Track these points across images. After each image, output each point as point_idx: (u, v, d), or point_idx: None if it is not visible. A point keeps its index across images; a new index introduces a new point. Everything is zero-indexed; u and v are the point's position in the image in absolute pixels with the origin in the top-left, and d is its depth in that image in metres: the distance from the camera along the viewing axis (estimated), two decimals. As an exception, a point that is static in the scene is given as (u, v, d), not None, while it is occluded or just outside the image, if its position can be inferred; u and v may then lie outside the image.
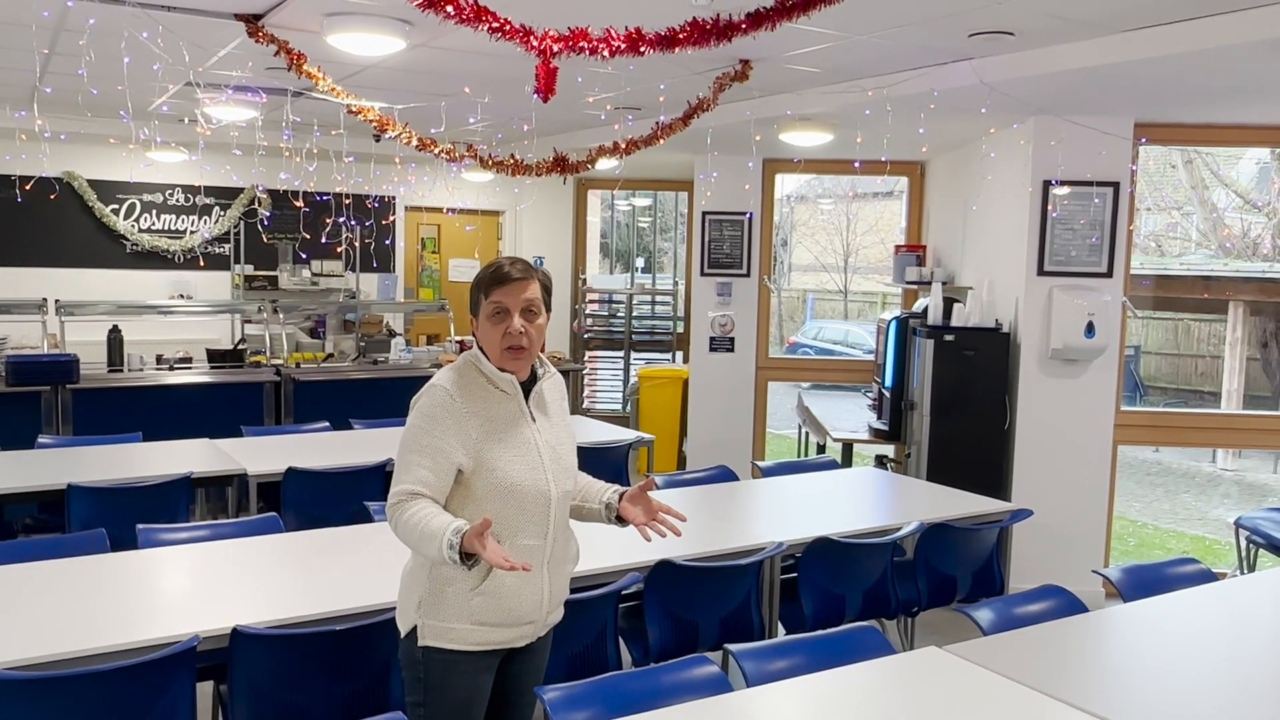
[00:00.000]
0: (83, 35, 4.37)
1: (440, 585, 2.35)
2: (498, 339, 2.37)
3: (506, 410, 2.40)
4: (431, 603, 2.35)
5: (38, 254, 8.27)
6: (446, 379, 2.39)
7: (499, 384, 2.40)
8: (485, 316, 2.38)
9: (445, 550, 2.16)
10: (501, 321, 2.36)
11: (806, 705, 2.29)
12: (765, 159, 7.32)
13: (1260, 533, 4.79)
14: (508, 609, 2.36)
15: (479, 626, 2.35)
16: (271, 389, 6.59)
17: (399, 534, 2.28)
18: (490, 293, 2.37)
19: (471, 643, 2.36)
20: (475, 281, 2.44)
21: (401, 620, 2.44)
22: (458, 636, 2.35)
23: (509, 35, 3.35)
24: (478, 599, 2.33)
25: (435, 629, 2.36)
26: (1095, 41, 4.10)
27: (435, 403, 2.35)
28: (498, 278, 2.37)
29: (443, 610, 2.35)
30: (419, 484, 2.29)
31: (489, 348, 2.40)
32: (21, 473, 4.21)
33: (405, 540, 2.28)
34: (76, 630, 2.56)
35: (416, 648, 2.37)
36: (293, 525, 3.94)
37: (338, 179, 7.73)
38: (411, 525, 2.24)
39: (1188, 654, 2.67)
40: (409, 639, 2.40)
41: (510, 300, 2.36)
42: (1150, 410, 8.68)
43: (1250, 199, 15.35)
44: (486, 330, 2.39)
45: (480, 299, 2.40)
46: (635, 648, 3.31)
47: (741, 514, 4.16)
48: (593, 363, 9.93)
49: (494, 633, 2.38)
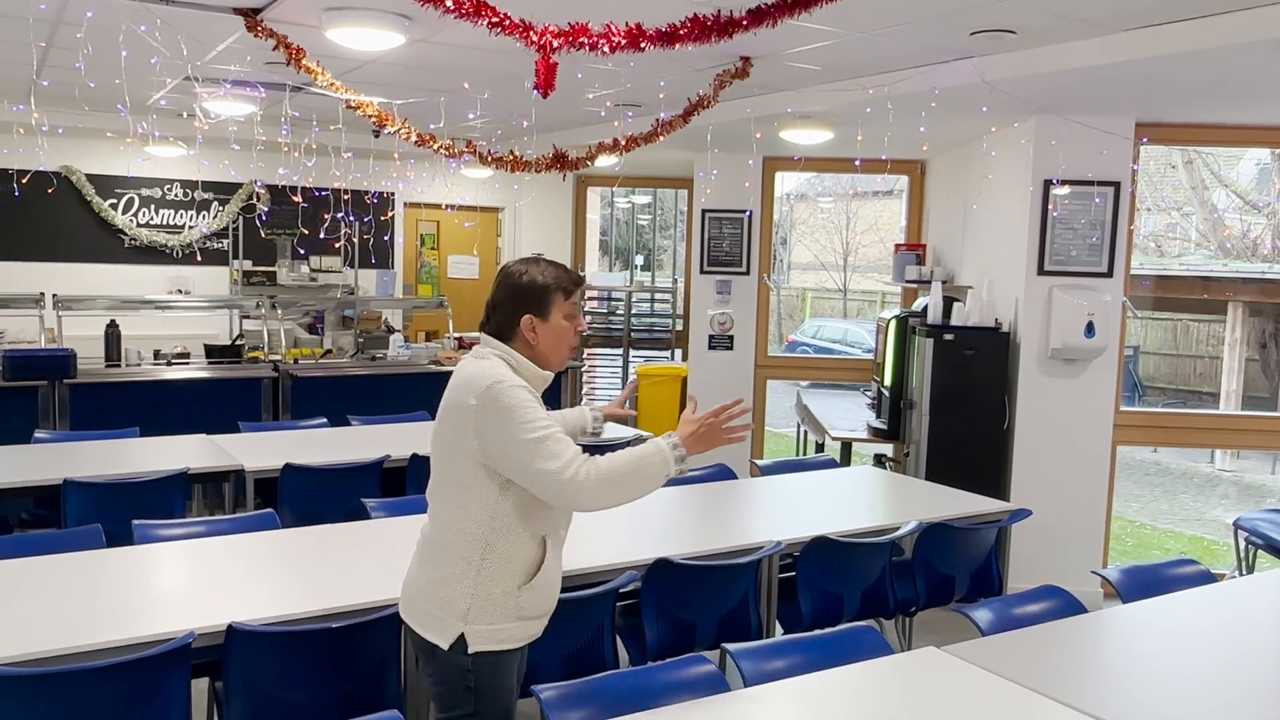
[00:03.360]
0: (80, 28, 4.36)
1: (487, 587, 2.33)
2: (569, 339, 2.44)
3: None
4: (481, 607, 2.33)
5: (35, 248, 8.25)
6: (506, 374, 2.33)
7: (535, 384, 2.40)
8: (563, 316, 2.43)
9: (674, 465, 2.25)
10: (574, 322, 2.45)
11: (804, 705, 2.28)
12: (765, 157, 7.31)
13: (1259, 534, 4.79)
14: (546, 599, 2.42)
15: (524, 621, 2.38)
16: (269, 385, 6.58)
17: (600, 489, 2.22)
18: (571, 294, 2.43)
19: (517, 639, 2.38)
20: (549, 277, 2.42)
21: (439, 634, 2.35)
22: (507, 635, 2.35)
23: (509, 30, 3.34)
24: (526, 594, 2.35)
25: (484, 634, 2.33)
26: (1097, 40, 4.09)
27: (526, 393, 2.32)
28: (577, 280, 2.47)
29: (492, 612, 2.33)
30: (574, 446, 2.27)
31: (555, 347, 2.43)
32: (18, 467, 4.19)
33: (611, 489, 2.23)
34: (72, 626, 2.55)
35: (465, 657, 2.33)
36: (290, 522, 3.92)
37: (336, 175, 7.71)
38: (620, 464, 2.23)
39: (1186, 655, 2.66)
40: (454, 650, 2.33)
41: (580, 303, 2.48)
42: (1149, 411, 8.68)
43: (1250, 200, 15.35)
44: (559, 330, 2.42)
45: (557, 299, 2.41)
46: (632, 646, 3.30)
47: (739, 513, 4.15)
48: (591, 360, 9.92)
49: (533, 625, 2.42)
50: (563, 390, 7.77)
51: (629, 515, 3.89)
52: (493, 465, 2.30)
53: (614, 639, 3.11)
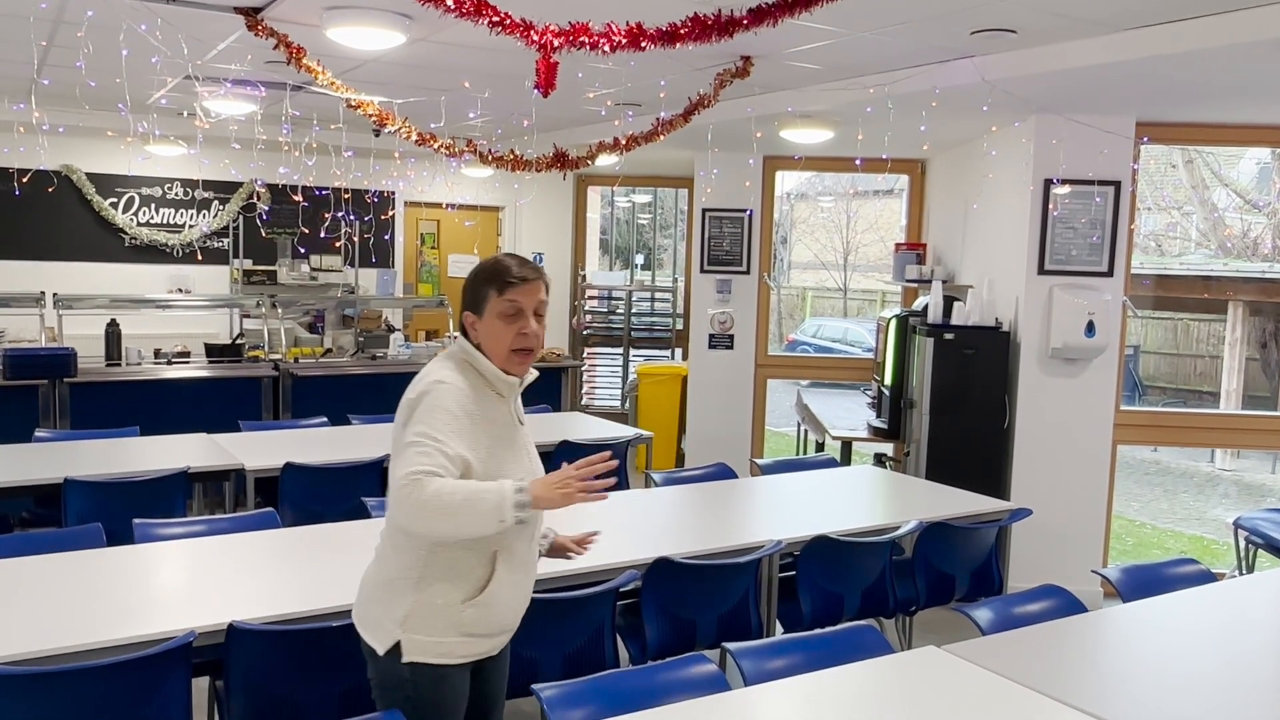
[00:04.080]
0: (81, 27, 4.36)
1: (429, 597, 2.23)
2: (509, 339, 2.28)
3: (499, 412, 2.32)
4: (420, 616, 2.23)
5: (36, 247, 8.25)
6: (450, 376, 2.25)
7: (497, 385, 2.31)
8: (496, 315, 2.28)
9: (510, 512, 2.03)
10: (515, 322, 2.28)
11: (804, 704, 2.28)
12: (766, 156, 7.31)
13: (1259, 533, 4.79)
14: (496, 619, 2.30)
15: (468, 638, 2.27)
16: (269, 384, 6.58)
17: (418, 511, 2.04)
18: (505, 291, 2.28)
19: (459, 656, 2.27)
20: (483, 276, 2.32)
21: (375, 638, 2.28)
22: (446, 650, 2.25)
23: (509, 29, 3.34)
24: (470, 610, 2.24)
25: (422, 644, 2.23)
26: (1097, 40, 4.08)
27: (452, 400, 2.20)
28: (516, 276, 2.28)
29: (432, 624, 2.23)
30: (441, 468, 2.09)
31: (494, 347, 2.30)
32: (18, 466, 4.20)
33: (428, 515, 2.04)
34: (72, 625, 2.55)
35: (402, 666, 2.24)
36: (290, 521, 3.92)
37: (337, 174, 7.71)
38: (446, 493, 2.03)
39: (1186, 654, 2.66)
40: (390, 657, 2.25)
41: (526, 301, 2.28)
42: (1149, 410, 8.68)
43: (1250, 199, 15.35)
44: (495, 329, 2.29)
45: (490, 295, 2.29)
46: (633, 645, 3.30)
47: (740, 512, 4.15)
48: (592, 359, 9.92)
49: (480, 643, 2.31)
50: (563, 389, 7.78)
51: (629, 514, 3.91)
52: None
53: (614, 638, 3.11)
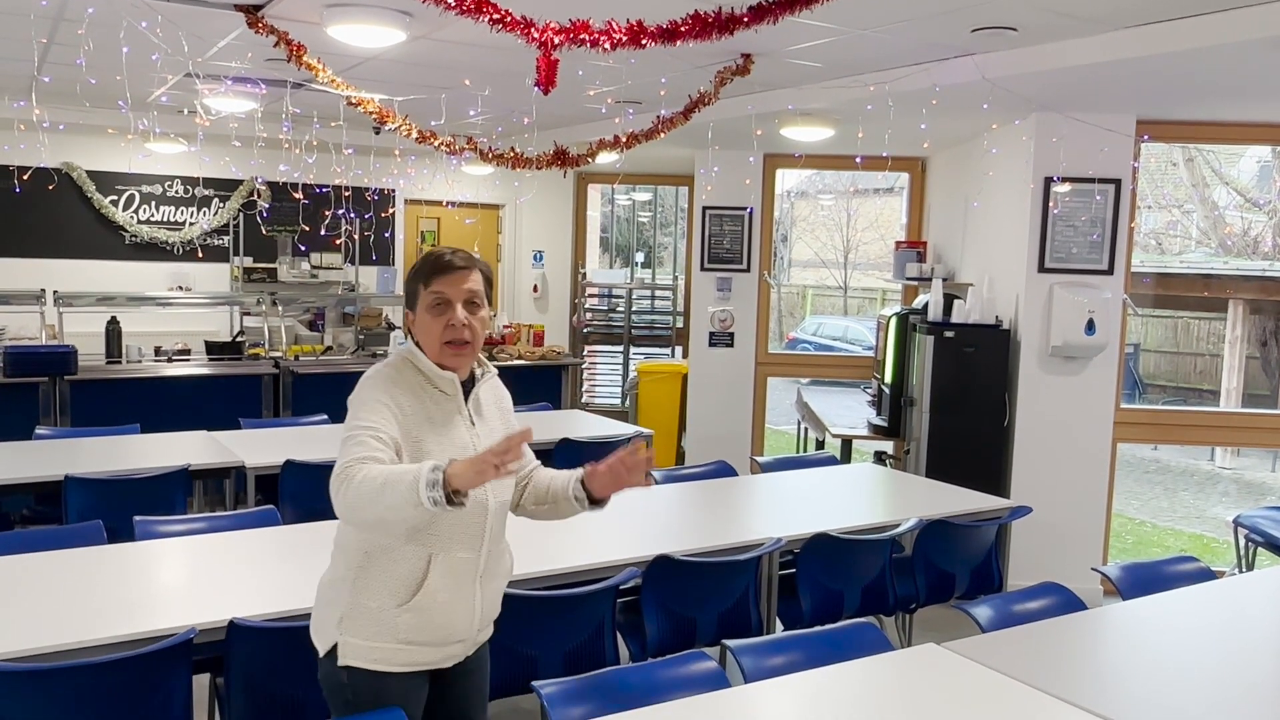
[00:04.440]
0: (81, 25, 4.35)
1: (363, 599, 2.16)
2: (438, 332, 2.21)
3: (445, 412, 2.23)
4: (355, 619, 2.17)
5: (36, 245, 8.24)
6: (384, 376, 2.21)
7: (438, 383, 2.23)
8: (424, 308, 2.23)
9: (424, 490, 1.88)
10: (443, 314, 2.21)
11: (804, 701, 2.28)
12: (766, 154, 7.30)
13: (1259, 531, 4.79)
14: (438, 626, 2.20)
15: (406, 646, 2.17)
16: (270, 381, 6.59)
17: (350, 501, 1.99)
18: (430, 282, 2.22)
19: (397, 664, 2.18)
20: (412, 271, 2.28)
21: (319, 638, 2.25)
22: (382, 657, 2.17)
23: (510, 27, 3.34)
24: (405, 615, 2.15)
25: (357, 648, 2.17)
26: (1098, 38, 4.08)
27: (377, 387, 2.17)
28: (439, 266, 2.22)
29: (367, 627, 2.16)
30: (372, 455, 2.04)
31: (428, 342, 2.24)
32: (19, 464, 4.20)
33: (359, 504, 1.97)
34: (73, 622, 2.55)
35: (340, 669, 2.18)
36: (290, 518, 3.92)
37: (337, 171, 7.71)
38: (369, 479, 1.96)
39: (1186, 652, 2.66)
40: (329, 659, 2.20)
41: (452, 290, 2.21)
42: (1150, 408, 8.67)
43: (1251, 197, 15.35)
44: (425, 323, 2.23)
45: (418, 289, 2.24)
46: (633, 643, 3.30)
47: (740, 509, 4.15)
48: (592, 357, 9.92)
49: (421, 652, 2.21)
50: (563, 387, 7.79)
51: (629, 512, 3.90)
52: None
53: (615, 635, 3.12)
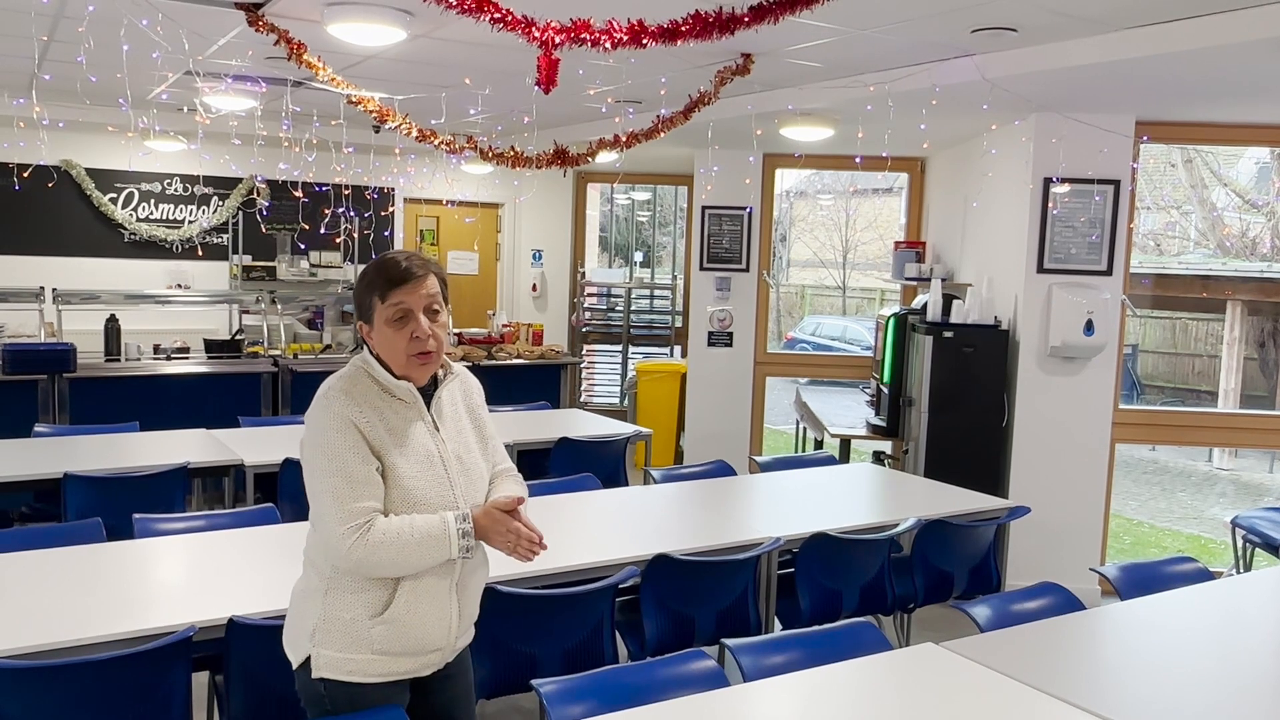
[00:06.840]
0: (82, 22, 4.36)
1: (336, 611, 2.14)
2: (403, 345, 2.13)
3: (406, 419, 2.19)
4: (328, 631, 2.14)
5: (35, 242, 8.24)
6: (337, 390, 2.16)
7: (396, 392, 2.18)
8: (385, 322, 2.13)
9: (455, 544, 2.10)
10: (405, 325, 2.12)
11: (803, 700, 2.29)
12: (765, 154, 7.31)
13: (1256, 532, 4.80)
14: (413, 638, 2.17)
15: (380, 657, 2.15)
16: (269, 380, 6.59)
17: (366, 559, 2.06)
18: (388, 295, 2.12)
19: (374, 674, 2.16)
20: (364, 282, 2.17)
21: (293, 650, 2.22)
22: (356, 668, 2.14)
23: (510, 26, 3.34)
24: (379, 628, 2.13)
25: (332, 660, 2.14)
26: (1097, 39, 4.09)
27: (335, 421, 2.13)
28: (396, 276, 2.12)
29: (341, 639, 2.14)
30: (369, 510, 2.09)
31: (391, 356, 2.16)
32: (18, 461, 4.20)
33: (380, 563, 2.07)
34: (72, 620, 2.55)
35: (315, 681, 2.16)
36: (289, 516, 3.92)
37: (337, 170, 7.71)
38: (389, 537, 2.06)
39: (1184, 651, 2.67)
40: (303, 670, 2.18)
41: (412, 300, 2.12)
42: (1148, 409, 8.68)
43: (1249, 198, 15.36)
44: (387, 337, 2.14)
45: (374, 302, 2.15)
46: (632, 641, 3.31)
47: (739, 509, 4.16)
48: (591, 356, 9.93)
49: (396, 663, 2.17)
50: (562, 386, 7.79)
51: (628, 511, 3.92)
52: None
53: (613, 634, 3.12)
